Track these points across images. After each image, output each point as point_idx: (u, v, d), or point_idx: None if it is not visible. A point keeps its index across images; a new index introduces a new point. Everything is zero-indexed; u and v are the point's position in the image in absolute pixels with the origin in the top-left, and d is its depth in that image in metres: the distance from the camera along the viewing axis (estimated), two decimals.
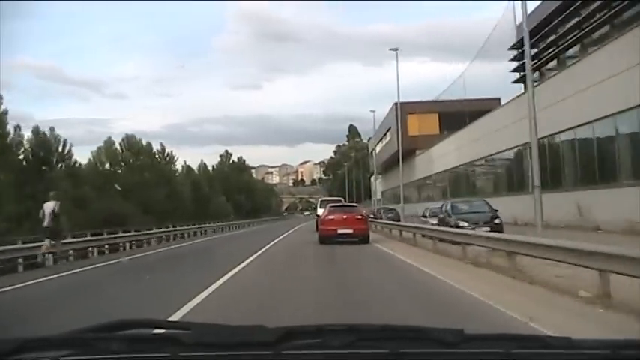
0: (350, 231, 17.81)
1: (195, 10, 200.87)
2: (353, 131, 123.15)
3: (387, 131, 54.70)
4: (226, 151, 72.42)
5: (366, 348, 1.34)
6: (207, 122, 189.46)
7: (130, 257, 16.73)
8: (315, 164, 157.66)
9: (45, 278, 11.38)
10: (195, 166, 62.89)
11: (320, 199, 32.38)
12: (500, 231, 15.00)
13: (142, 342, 1.41)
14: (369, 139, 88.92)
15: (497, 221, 16.02)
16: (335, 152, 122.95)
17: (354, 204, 29.17)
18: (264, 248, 17.75)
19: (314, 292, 8.13)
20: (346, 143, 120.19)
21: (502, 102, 34.99)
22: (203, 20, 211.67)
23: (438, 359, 1.32)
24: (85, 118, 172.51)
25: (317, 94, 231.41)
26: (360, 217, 18.73)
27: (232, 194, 65.90)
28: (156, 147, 48.43)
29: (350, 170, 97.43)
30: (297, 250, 17.12)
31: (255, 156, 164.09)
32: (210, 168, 67.76)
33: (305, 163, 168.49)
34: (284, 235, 27.87)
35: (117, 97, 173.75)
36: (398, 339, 1.37)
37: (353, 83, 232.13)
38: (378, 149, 65.75)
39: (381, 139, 60.68)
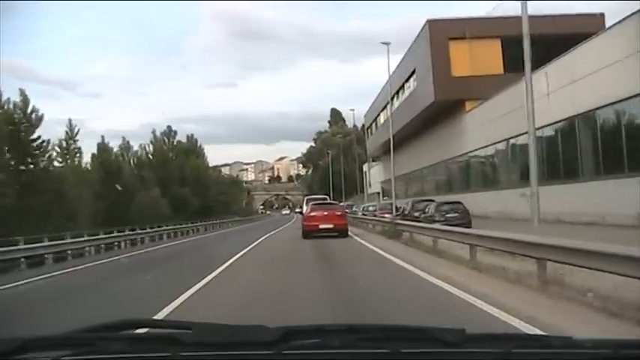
0: (330, 226, 19.41)
1: (169, 8, 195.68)
2: (336, 115, 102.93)
3: (410, 76, 34.30)
4: (169, 127, 51.67)
5: (366, 348, 1.32)
6: (184, 121, 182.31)
7: None
8: (292, 160, 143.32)
9: None
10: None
11: (306, 197, 31.36)
12: None
13: (142, 342, 1.42)
14: (354, 126, 70.59)
15: None
16: (315, 140, 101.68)
17: (335, 201, 27.61)
18: None
19: None
20: (328, 130, 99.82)
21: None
22: (177, 19, 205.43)
23: (439, 359, 1.31)
24: (58, 117, 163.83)
25: (294, 92, 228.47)
26: (339, 213, 20.59)
27: (173, 186, 45.38)
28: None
29: (334, 158, 78.32)
30: None
31: (232, 154, 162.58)
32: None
33: (282, 159, 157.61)
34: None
35: (91, 96, 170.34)
36: (399, 339, 1.36)
37: (329, 81, 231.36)
38: (382, 118, 45.93)
39: (395, 96, 40.03)
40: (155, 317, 6.84)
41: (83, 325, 1.51)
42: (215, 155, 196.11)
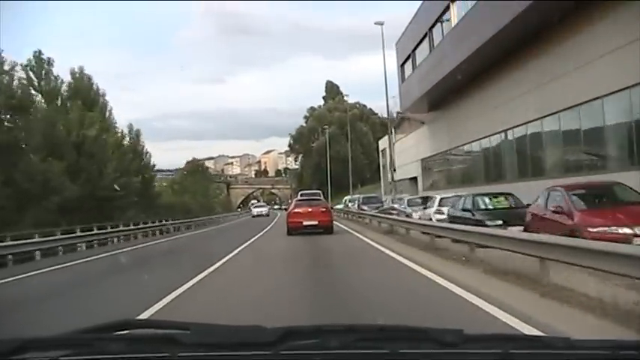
0: (315, 222, 18.88)
1: (158, 4, 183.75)
2: (332, 89, 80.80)
3: None
4: (37, 53, 28.66)
5: (365, 348, 1.31)
6: (173, 117, 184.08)
7: None
8: (280, 153, 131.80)
9: None
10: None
11: (300, 192, 27.63)
12: None
13: (141, 342, 1.40)
14: (389, 106, 51.11)
15: None
16: (306, 118, 79.39)
17: (319, 197, 23.31)
18: None
19: None
20: (322, 105, 77.73)
21: None
22: (166, 14, 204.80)
23: (437, 359, 1.30)
24: None
25: (284, 89, 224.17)
26: (324, 209, 19.89)
27: (27, 157, 22.70)
28: None
29: (332, 138, 57.99)
30: None
31: (220, 150, 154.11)
32: None
33: (269, 152, 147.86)
34: None
35: None
36: (397, 339, 1.34)
37: (320, 77, 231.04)
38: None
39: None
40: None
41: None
42: (203, 151, 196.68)
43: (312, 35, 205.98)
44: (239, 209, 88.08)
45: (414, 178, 34.64)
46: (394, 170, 35.72)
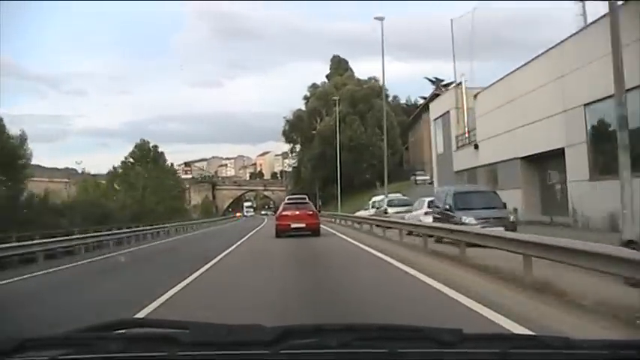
0: (302, 225, 19.56)
1: (155, 6, 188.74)
2: (339, 64, 67.00)
3: None
4: None
5: (364, 348, 1.31)
6: (169, 120, 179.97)
7: None
8: (277, 155, 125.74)
9: None
10: None
11: (288, 197, 26.73)
12: None
13: (140, 341, 1.39)
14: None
15: None
16: (307, 98, 63.56)
17: (306, 201, 22.44)
18: None
19: None
20: (326, 81, 64.84)
21: None
22: (163, 17, 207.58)
23: (436, 359, 1.30)
24: (43, 114, 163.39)
25: (281, 93, 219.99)
26: (311, 212, 20.47)
27: None
28: None
29: (342, 119, 47.39)
30: None
31: (216, 154, 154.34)
32: None
33: (265, 154, 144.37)
34: None
35: (76, 94, 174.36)
36: (396, 339, 1.34)
37: (318, 81, 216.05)
38: None
39: None
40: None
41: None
42: (198, 154, 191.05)
43: (312, 39, 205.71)
44: (236, 213, 79.67)
45: (534, 158, 19.23)
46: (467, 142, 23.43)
